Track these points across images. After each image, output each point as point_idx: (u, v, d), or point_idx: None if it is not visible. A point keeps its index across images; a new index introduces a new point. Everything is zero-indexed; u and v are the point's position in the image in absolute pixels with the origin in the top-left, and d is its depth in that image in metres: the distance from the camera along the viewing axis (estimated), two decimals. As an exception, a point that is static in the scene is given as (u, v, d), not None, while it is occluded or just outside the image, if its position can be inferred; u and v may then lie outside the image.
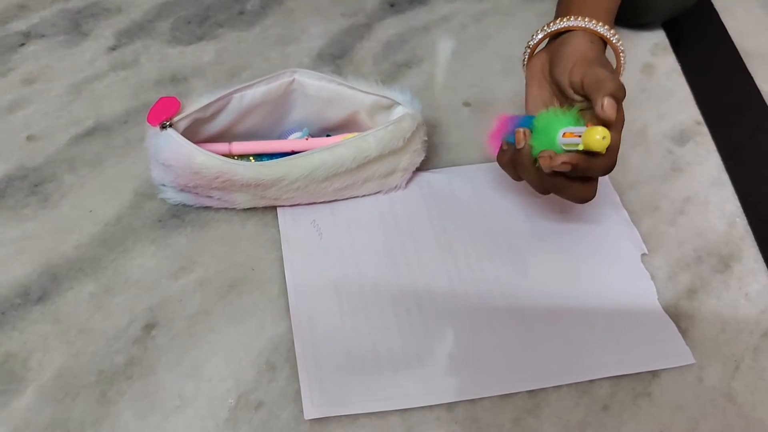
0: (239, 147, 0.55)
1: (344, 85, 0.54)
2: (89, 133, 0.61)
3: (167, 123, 0.50)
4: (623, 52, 0.50)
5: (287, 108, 0.57)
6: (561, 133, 0.43)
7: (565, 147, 0.43)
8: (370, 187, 0.55)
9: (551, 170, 0.43)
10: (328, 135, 0.58)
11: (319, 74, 0.54)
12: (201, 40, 0.70)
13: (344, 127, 0.58)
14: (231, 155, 0.54)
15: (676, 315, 0.51)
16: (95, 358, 0.47)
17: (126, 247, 0.53)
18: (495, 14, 0.76)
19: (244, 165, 0.50)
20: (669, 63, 0.71)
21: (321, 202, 0.55)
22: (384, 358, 0.47)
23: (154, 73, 0.67)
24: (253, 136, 0.56)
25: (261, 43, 0.70)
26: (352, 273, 0.52)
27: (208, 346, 0.48)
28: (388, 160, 0.53)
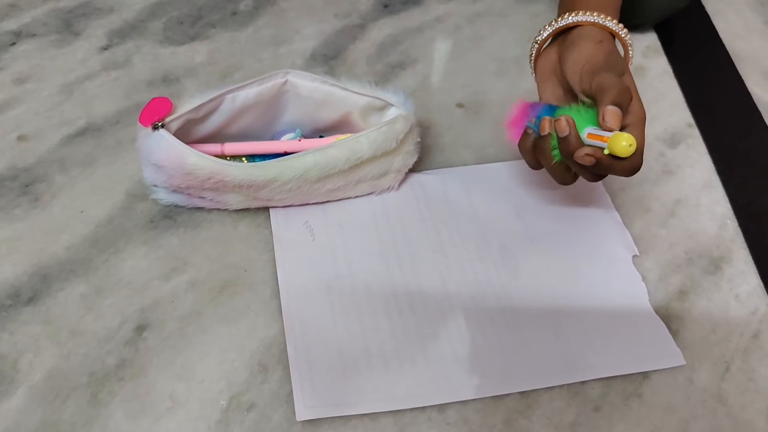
0: (232, 148, 0.54)
1: (337, 86, 0.54)
2: (81, 133, 0.61)
3: (159, 124, 0.50)
4: (631, 45, 0.51)
5: (280, 109, 0.56)
6: (586, 132, 0.44)
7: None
8: (362, 188, 0.55)
9: (573, 159, 0.44)
10: (321, 136, 0.58)
11: (311, 75, 0.54)
12: (193, 41, 0.70)
13: (337, 128, 0.58)
14: (223, 156, 0.54)
15: (667, 316, 0.51)
16: (86, 359, 0.46)
17: (117, 248, 0.53)
18: (489, 15, 0.76)
19: (237, 166, 0.50)
20: (661, 65, 0.71)
21: (314, 203, 0.55)
22: (376, 360, 0.47)
23: (146, 73, 0.67)
24: (245, 136, 0.56)
25: (254, 44, 0.70)
26: (345, 274, 0.52)
27: (200, 347, 0.47)
28: (381, 162, 0.53)
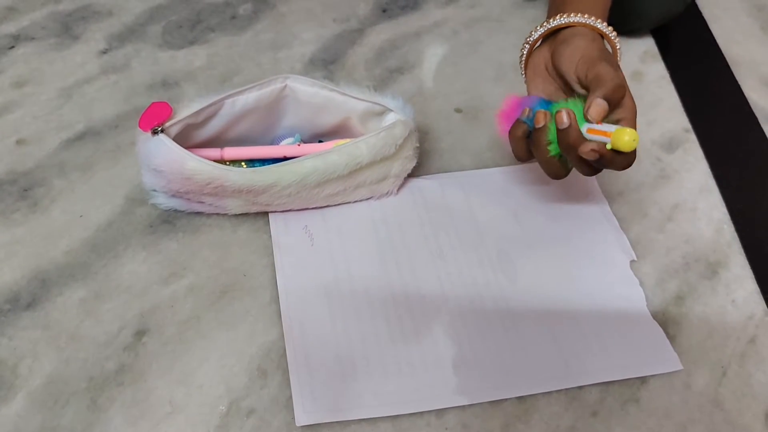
0: (231, 152, 0.55)
1: (336, 91, 0.55)
2: (80, 137, 0.61)
3: (159, 128, 0.50)
4: (620, 48, 0.52)
5: (279, 114, 0.57)
6: (586, 127, 0.45)
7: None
8: (361, 193, 0.55)
9: (576, 153, 0.45)
10: (320, 141, 0.58)
11: (311, 80, 0.55)
12: (193, 45, 0.70)
13: (336, 133, 0.58)
14: (223, 161, 0.54)
15: (664, 321, 0.51)
16: (86, 364, 0.46)
17: (117, 253, 0.53)
18: (486, 21, 0.76)
19: (236, 171, 0.50)
20: (658, 70, 0.72)
21: (313, 207, 0.55)
22: (375, 364, 0.47)
23: (145, 77, 0.67)
24: (244, 141, 0.56)
25: (253, 48, 0.70)
26: (344, 279, 0.52)
27: (199, 352, 0.47)
28: (380, 167, 0.54)
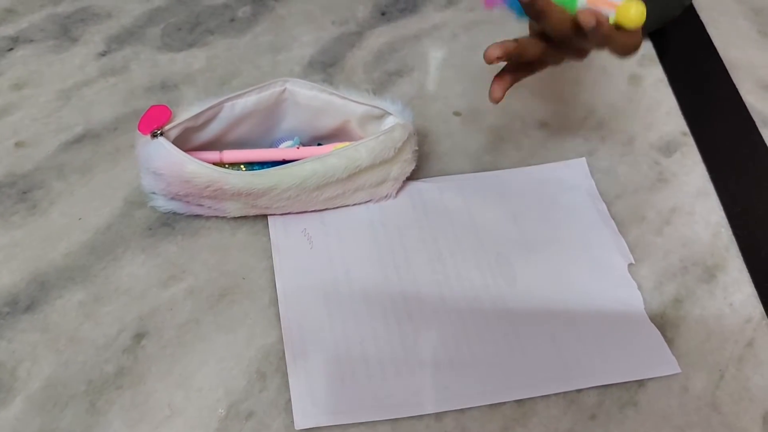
0: (230, 155, 0.55)
1: (335, 94, 0.55)
2: (78, 139, 0.61)
3: (158, 131, 0.50)
4: None
5: (278, 117, 0.57)
6: None
7: None
8: (360, 196, 0.55)
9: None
10: (319, 144, 0.58)
11: (310, 84, 0.55)
12: (192, 47, 0.70)
13: (335, 136, 0.58)
14: (222, 164, 0.54)
15: (662, 324, 0.51)
16: (84, 367, 0.46)
17: (116, 256, 0.53)
18: (485, 24, 0.76)
19: (235, 174, 0.50)
20: (655, 74, 0.72)
21: (312, 211, 0.55)
22: (374, 367, 0.47)
23: (144, 79, 0.67)
24: (244, 144, 0.56)
25: (252, 51, 0.70)
26: (343, 282, 0.52)
27: (198, 355, 0.48)
28: (379, 170, 0.54)
